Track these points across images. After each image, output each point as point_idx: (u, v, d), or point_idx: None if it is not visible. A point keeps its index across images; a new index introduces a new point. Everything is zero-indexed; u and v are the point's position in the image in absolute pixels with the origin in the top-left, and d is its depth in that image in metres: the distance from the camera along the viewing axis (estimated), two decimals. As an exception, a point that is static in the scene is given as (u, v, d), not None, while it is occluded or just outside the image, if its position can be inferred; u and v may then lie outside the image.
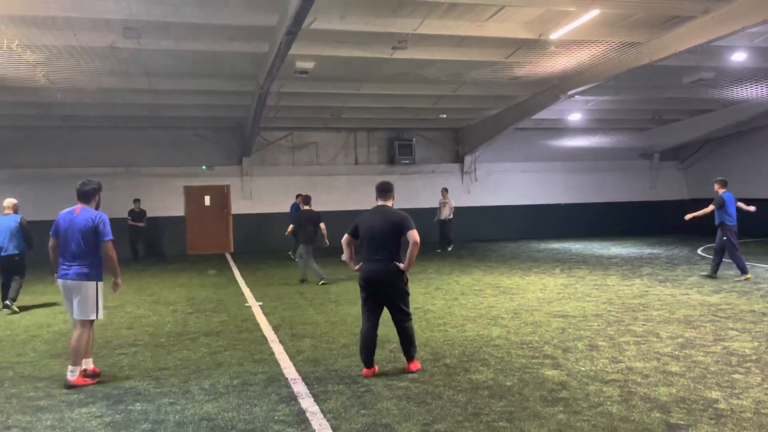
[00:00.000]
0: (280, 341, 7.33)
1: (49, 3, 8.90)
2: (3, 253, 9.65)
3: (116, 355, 6.91)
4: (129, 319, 8.98)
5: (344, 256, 6.07)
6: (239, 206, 19.92)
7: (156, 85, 13.89)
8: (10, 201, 9.91)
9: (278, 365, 6.29)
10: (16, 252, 9.74)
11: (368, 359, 5.85)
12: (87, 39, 10.22)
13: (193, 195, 19.56)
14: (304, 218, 12.19)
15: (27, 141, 17.96)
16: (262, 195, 19.97)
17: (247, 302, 10.25)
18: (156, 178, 18.98)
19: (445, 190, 18.49)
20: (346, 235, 6.03)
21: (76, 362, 5.78)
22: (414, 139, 21.08)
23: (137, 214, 17.97)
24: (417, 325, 8.05)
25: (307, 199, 12.57)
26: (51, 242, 6.02)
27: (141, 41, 10.49)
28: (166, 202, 19.08)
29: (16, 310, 9.74)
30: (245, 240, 19.71)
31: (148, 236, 18.59)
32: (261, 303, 10.04)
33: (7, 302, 9.75)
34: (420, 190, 20.92)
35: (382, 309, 5.92)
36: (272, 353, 6.79)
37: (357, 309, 7.12)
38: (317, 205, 13.60)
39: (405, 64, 13.09)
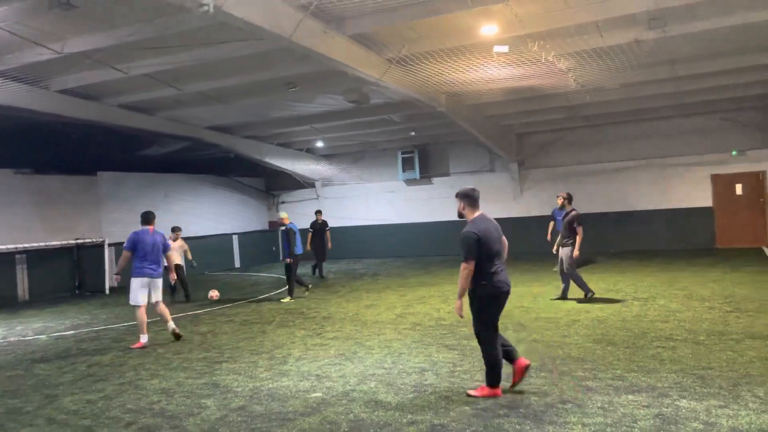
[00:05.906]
0: None
1: (578, 12, 9.55)
2: None
3: (654, 348, 6.91)
4: (663, 313, 8.87)
5: None
6: (779, 194, 17.36)
7: (678, 72, 13.32)
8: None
9: None
10: None
11: None
12: (612, 38, 10.55)
13: (722, 183, 18.00)
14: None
15: (557, 142, 19.82)
16: (810, 180, 16.88)
17: (799, 306, 8.82)
18: (680, 167, 18.24)
19: None
20: None
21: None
22: None
23: (319, 225, 16.58)
24: None
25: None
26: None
27: (665, 29, 10.25)
28: (691, 192, 18.13)
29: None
30: (788, 233, 17.02)
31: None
32: (820, 308, 8.49)
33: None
34: None
35: None
36: None
37: None
38: None
39: None
